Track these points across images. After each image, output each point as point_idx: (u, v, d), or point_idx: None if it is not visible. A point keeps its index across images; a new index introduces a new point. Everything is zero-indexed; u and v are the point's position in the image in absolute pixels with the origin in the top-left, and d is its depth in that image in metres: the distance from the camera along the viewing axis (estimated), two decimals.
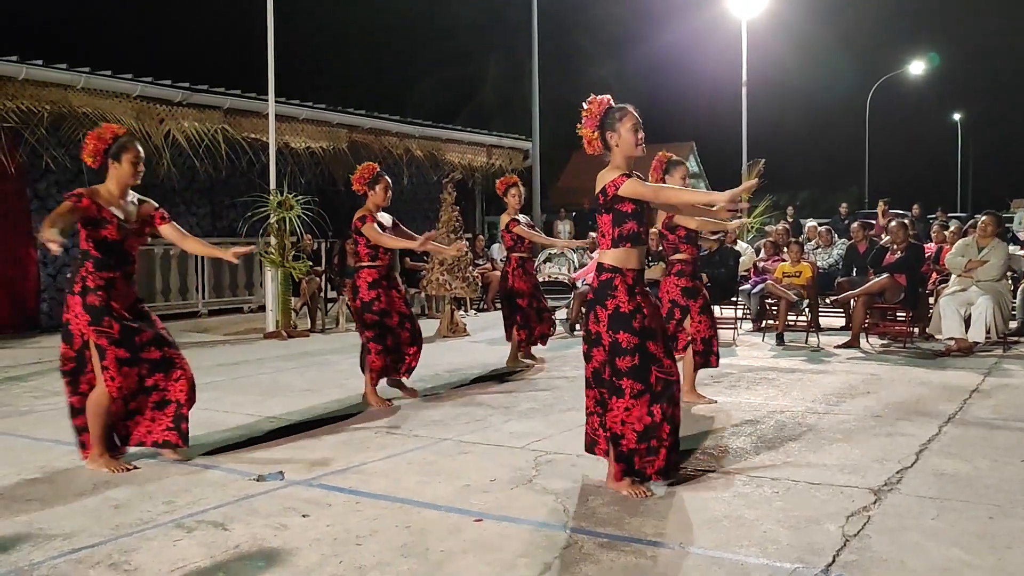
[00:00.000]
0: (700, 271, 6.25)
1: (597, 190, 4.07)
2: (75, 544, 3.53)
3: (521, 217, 8.12)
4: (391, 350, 6.27)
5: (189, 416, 4.73)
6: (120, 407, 4.57)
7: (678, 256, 6.11)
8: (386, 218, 6.36)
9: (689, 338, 6.13)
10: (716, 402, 6.14)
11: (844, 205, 18.31)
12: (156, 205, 4.83)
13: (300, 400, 6.50)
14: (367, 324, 6.20)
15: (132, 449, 4.90)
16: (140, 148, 4.70)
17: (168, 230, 4.81)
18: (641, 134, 4.06)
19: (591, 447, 4.28)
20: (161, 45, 26.85)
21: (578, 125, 4.11)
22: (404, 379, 6.51)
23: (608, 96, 4.10)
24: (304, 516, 3.84)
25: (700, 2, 26.84)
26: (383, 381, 6.41)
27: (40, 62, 10.16)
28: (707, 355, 6.15)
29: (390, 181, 6.39)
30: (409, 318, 6.39)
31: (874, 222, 13.90)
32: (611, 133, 4.03)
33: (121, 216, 4.57)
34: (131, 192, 4.72)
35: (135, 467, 4.62)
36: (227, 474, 4.53)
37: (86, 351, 4.53)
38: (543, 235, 8.12)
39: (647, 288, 4.18)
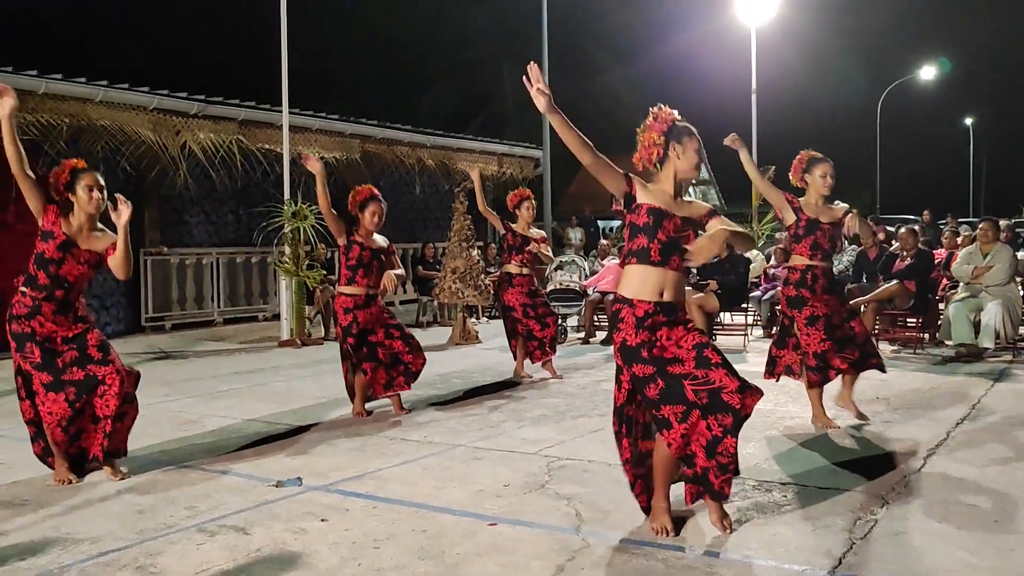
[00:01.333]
0: (809, 274, 5.61)
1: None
2: (102, 548, 3.64)
3: (534, 231, 7.93)
4: (388, 364, 6.18)
5: (122, 430, 4.69)
6: (61, 435, 4.56)
7: (789, 262, 5.85)
8: (381, 240, 6.29)
9: (785, 365, 5.88)
10: (839, 427, 5.61)
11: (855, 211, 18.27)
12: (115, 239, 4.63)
13: (316, 407, 6.61)
14: (346, 353, 6.19)
15: (151, 457, 5.03)
16: (98, 177, 4.59)
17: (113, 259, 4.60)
18: (702, 163, 3.85)
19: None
20: (177, 58, 27.11)
21: (639, 129, 3.80)
22: (404, 390, 6.32)
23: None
24: (323, 520, 3.93)
25: (709, 10, 26.95)
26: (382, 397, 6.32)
27: (59, 76, 10.32)
28: (822, 370, 5.53)
29: (383, 205, 6.20)
30: (396, 327, 6.25)
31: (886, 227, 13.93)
32: (676, 145, 3.73)
33: (71, 238, 4.53)
34: (104, 229, 4.65)
35: (79, 480, 4.61)
36: (246, 480, 4.63)
37: (20, 375, 4.64)
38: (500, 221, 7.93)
39: (677, 318, 3.71)
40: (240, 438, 5.64)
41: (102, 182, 4.62)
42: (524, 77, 3.47)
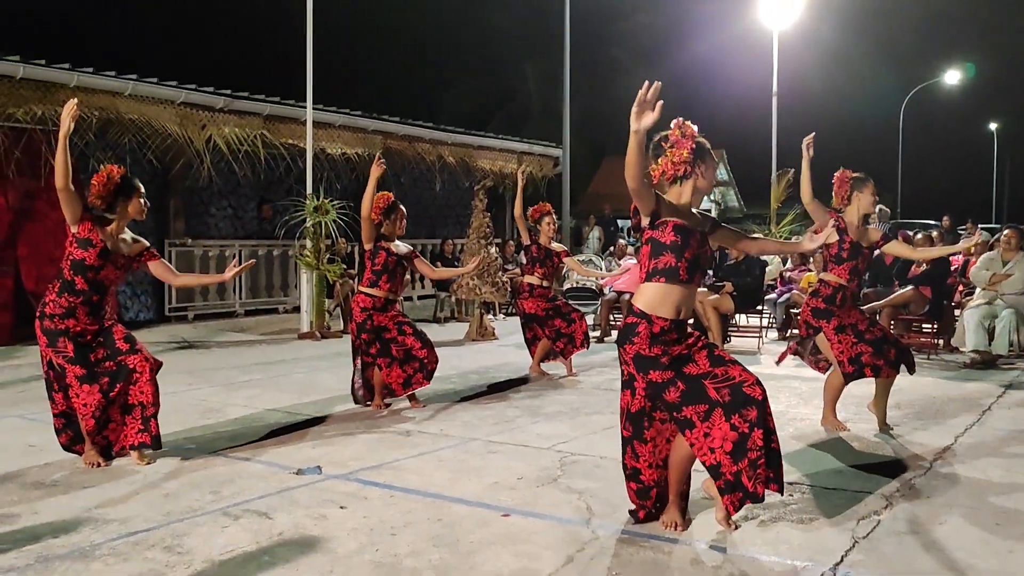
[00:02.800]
0: (839, 295, 5.58)
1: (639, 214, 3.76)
2: (131, 528, 3.80)
3: (555, 245, 8.00)
4: (402, 360, 6.30)
5: (157, 417, 4.83)
6: (91, 425, 4.73)
7: (822, 275, 5.77)
8: (402, 247, 6.43)
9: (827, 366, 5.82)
10: (848, 429, 5.70)
11: (875, 215, 18.25)
12: (148, 245, 4.99)
13: (335, 399, 6.75)
14: (358, 349, 6.33)
15: (176, 444, 5.19)
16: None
17: (157, 266, 4.97)
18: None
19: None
20: (204, 54, 27.40)
21: (666, 143, 3.71)
22: (423, 386, 6.44)
23: None
24: (342, 508, 4.07)
25: (732, 13, 26.91)
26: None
27: (90, 69, 10.55)
28: (857, 368, 5.49)
29: (405, 211, 6.43)
30: (409, 324, 6.39)
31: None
32: (701, 164, 3.73)
33: (109, 246, 4.75)
34: (128, 232, 4.92)
35: (107, 464, 4.79)
36: (268, 467, 4.78)
37: (51, 369, 4.81)
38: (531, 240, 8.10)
39: (686, 334, 3.76)
40: (262, 427, 5.79)
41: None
42: (643, 89, 3.30)
